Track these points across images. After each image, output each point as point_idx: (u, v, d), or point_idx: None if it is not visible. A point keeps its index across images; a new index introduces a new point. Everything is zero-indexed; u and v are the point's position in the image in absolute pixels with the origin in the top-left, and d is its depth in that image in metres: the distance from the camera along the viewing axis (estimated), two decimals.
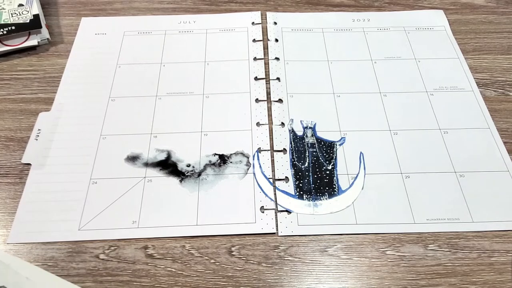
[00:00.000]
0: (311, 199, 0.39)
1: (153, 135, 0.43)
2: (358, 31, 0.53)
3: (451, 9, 0.57)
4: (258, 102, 0.46)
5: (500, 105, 0.46)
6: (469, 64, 0.50)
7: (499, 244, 0.36)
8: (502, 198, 0.39)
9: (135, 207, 0.38)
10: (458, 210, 0.38)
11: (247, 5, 0.56)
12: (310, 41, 0.52)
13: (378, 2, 0.57)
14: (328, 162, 0.41)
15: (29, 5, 0.51)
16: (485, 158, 0.42)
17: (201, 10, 0.56)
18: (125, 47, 0.51)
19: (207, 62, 0.50)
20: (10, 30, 0.48)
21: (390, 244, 0.36)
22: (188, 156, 0.41)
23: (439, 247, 0.36)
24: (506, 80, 0.49)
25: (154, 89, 0.47)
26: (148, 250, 0.36)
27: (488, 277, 0.35)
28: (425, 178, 0.40)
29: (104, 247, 0.36)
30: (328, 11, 0.56)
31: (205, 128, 0.43)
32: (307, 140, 0.43)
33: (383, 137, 0.43)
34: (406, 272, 0.35)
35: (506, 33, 0.54)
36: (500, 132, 0.44)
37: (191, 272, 0.35)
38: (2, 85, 0.47)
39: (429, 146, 0.42)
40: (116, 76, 0.48)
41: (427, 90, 0.47)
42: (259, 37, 0.52)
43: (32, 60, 0.50)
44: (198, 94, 0.46)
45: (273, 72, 0.48)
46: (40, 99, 0.46)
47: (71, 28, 0.53)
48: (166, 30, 0.53)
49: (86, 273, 0.34)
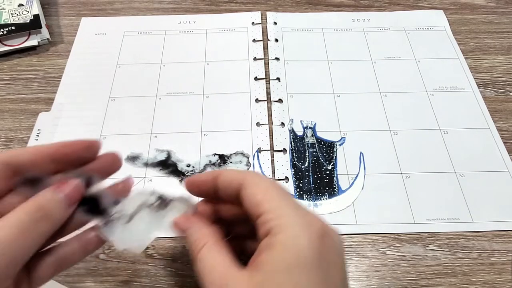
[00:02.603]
0: (311, 199, 0.39)
1: (153, 135, 0.43)
2: (358, 31, 0.53)
3: (451, 9, 0.57)
4: (258, 102, 0.46)
5: (500, 105, 0.46)
6: (469, 64, 0.50)
7: (499, 244, 0.36)
8: (502, 198, 0.39)
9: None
10: (458, 210, 0.38)
11: (247, 5, 0.56)
12: (310, 41, 0.52)
13: (378, 2, 0.57)
14: (328, 162, 0.41)
15: (29, 5, 0.51)
16: (485, 158, 0.42)
17: (201, 10, 0.56)
18: (125, 47, 0.51)
19: (207, 62, 0.50)
20: (10, 30, 0.48)
21: (390, 244, 0.36)
22: (188, 156, 0.41)
23: (439, 247, 0.36)
24: (506, 80, 0.49)
25: (154, 89, 0.47)
26: (148, 250, 0.36)
27: (488, 277, 0.35)
28: (425, 178, 0.40)
29: (104, 247, 0.36)
30: (328, 11, 0.56)
31: (205, 128, 0.44)
32: (307, 140, 0.43)
33: (383, 137, 0.43)
34: (406, 272, 0.35)
35: (506, 33, 0.54)
36: (500, 132, 0.44)
37: (191, 272, 0.35)
38: (2, 85, 0.47)
39: (429, 146, 0.42)
40: (116, 76, 0.48)
41: (427, 90, 0.47)
42: (259, 37, 0.52)
43: (32, 60, 0.50)
44: (198, 94, 0.46)
45: (273, 72, 0.48)
46: (40, 99, 0.46)
47: (71, 28, 0.53)
48: (166, 30, 0.53)
49: (86, 273, 0.34)
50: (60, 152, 0.25)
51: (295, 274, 0.21)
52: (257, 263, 0.22)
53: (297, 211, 0.23)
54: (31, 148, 0.25)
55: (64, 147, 0.26)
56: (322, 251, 0.22)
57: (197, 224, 0.26)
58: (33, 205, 0.23)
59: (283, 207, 0.23)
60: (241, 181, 0.25)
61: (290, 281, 0.21)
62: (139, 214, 0.28)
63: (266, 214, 0.23)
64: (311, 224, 0.22)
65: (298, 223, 0.22)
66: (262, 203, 0.23)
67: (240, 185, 0.25)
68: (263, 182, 0.25)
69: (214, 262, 0.23)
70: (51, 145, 0.25)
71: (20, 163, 0.24)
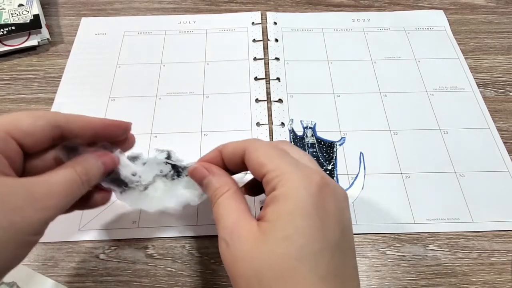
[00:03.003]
0: None
1: (153, 135, 0.43)
2: (358, 31, 0.53)
3: (451, 9, 0.57)
4: (258, 102, 0.46)
5: (500, 105, 0.46)
6: (469, 64, 0.50)
7: (499, 244, 0.36)
8: (502, 198, 0.39)
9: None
10: (458, 210, 0.38)
11: (247, 5, 0.56)
12: (310, 41, 0.52)
13: (378, 2, 0.57)
14: (328, 162, 0.41)
15: (29, 5, 0.51)
16: (485, 158, 0.42)
17: (201, 10, 0.56)
18: (125, 47, 0.51)
19: (207, 62, 0.50)
20: (10, 30, 0.48)
21: (390, 244, 0.36)
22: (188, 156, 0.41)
23: (439, 247, 0.36)
24: (506, 80, 0.49)
25: (154, 89, 0.47)
26: (148, 250, 0.36)
27: (488, 277, 0.35)
28: (425, 178, 0.40)
29: (104, 247, 0.36)
30: (328, 11, 0.56)
31: (205, 128, 0.44)
32: (307, 140, 0.43)
33: (383, 137, 0.43)
34: (406, 272, 0.35)
35: (506, 33, 0.54)
36: (500, 132, 0.44)
37: (191, 272, 0.35)
38: (2, 85, 0.47)
39: (429, 146, 0.42)
40: (116, 76, 0.48)
41: (427, 90, 0.47)
42: (259, 37, 0.52)
43: (32, 60, 0.50)
44: (198, 94, 0.46)
45: (273, 72, 0.48)
46: (40, 99, 0.46)
47: (71, 28, 0.53)
48: (166, 30, 0.53)
49: (86, 273, 0.34)
50: (105, 129, 0.28)
51: (296, 219, 0.23)
52: (263, 215, 0.24)
53: (297, 166, 0.25)
54: (81, 119, 0.27)
55: (109, 126, 0.29)
56: (319, 201, 0.24)
57: (218, 171, 0.29)
58: (81, 169, 0.26)
59: (284, 165, 0.25)
60: (244, 148, 0.27)
61: (291, 225, 0.23)
62: (154, 184, 0.32)
63: (269, 173, 0.25)
64: (310, 177, 0.24)
65: (298, 176, 0.24)
66: (265, 164, 0.25)
67: (243, 152, 0.27)
68: (264, 145, 0.27)
69: (231, 208, 0.26)
70: (98, 121, 0.28)
71: (69, 130, 0.26)
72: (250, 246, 0.23)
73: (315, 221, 0.23)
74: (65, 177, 0.25)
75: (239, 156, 0.27)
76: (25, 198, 0.22)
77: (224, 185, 0.27)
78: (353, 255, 0.25)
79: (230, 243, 0.24)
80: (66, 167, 0.25)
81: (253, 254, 0.23)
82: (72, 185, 0.25)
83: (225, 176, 0.28)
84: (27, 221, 0.22)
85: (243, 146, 0.27)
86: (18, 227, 0.22)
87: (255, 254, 0.23)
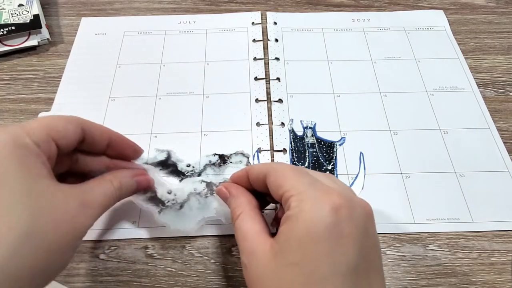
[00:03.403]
0: None
1: (153, 135, 0.43)
2: (358, 31, 0.53)
3: (451, 9, 0.57)
4: (258, 102, 0.46)
5: (500, 105, 0.46)
6: (469, 64, 0.50)
7: (499, 244, 0.36)
8: (502, 198, 0.39)
9: (135, 207, 0.38)
10: (458, 210, 0.38)
11: (247, 5, 0.56)
12: (310, 41, 0.52)
13: (378, 2, 0.57)
14: (328, 162, 0.41)
15: (29, 5, 0.51)
16: (485, 158, 0.42)
17: (201, 10, 0.56)
18: (125, 47, 0.51)
19: (207, 62, 0.50)
20: (10, 30, 0.48)
21: (390, 244, 0.36)
22: (188, 156, 0.41)
23: (439, 247, 0.36)
24: (506, 80, 0.49)
25: (154, 89, 0.47)
26: (148, 250, 0.36)
27: (488, 277, 0.35)
28: (425, 178, 0.40)
29: (104, 247, 0.36)
30: (328, 11, 0.56)
31: (205, 128, 0.43)
32: (307, 140, 0.43)
33: (383, 137, 0.43)
34: (406, 272, 0.35)
35: (506, 33, 0.54)
36: (500, 132, 0.44)
37: (191, 272, 0.35)
38: (2, 85, 0.47)
39: (429, 146, 0.42)
40: (116, 76, 0.48)
41: (427, 90, 0.47)
42: (259, 37, 0.52)
43: (32, 60, 0.50)
44: (198, 94, 0.46)
45: (273, 72, 0.48)
46: (40, 99, 0.46)
47: (71, 28, 0.53)
48: (166, 30, 0.53)
49: (86, 273, 0.34)
50: (119, 142, 0.31)
51: (305, 244, 0.23)
52: (278, 233, 0.25)
53: (313, 186, 0.25)
54: (101, 126, 0.30)
55: (124, 141, 0.31)
56: (333, 222, 0.23)
57: (235, 192, 0.30)
58: (118, 183, 0.28)
59: (299, 185, 0.25)
60: (265, 172, 0.28)
61: (300, 251, 0.23)
62: (189, 202, 0.34)
63: (286, 194, 0.26)
64: (326, 198, 0.24)
65: (312, 196, 0.24)
66: (282, 185, 0.26)
67: (265, 176, 0.28)
68: (283, 167, 0.28)
69: (247, 230, 0.27)
70: (115, 132, 0.31)
71: (91, 135, 0.29)
72: (263, 269, 0.24)
73: (325, 245, 0.23)
74: (105, 189, 0.27)
75: (262, 179, 0.28)
76: (80, 205, 0.25)
77: (238, 206, 0.28)
78: (377, 276, 0.25)
79: (248, 266, 0.25)
80: (104, 179, 0.28)
81: (267, 277, 0.24)
82: (109, 197, 0.28)
83: (241, 197, 0.29)
84: (80, 226, 0.25)
85: (265, 169, 0.28)
86: (75, 232, 0.24)
87: (268, 276, 0.24)
